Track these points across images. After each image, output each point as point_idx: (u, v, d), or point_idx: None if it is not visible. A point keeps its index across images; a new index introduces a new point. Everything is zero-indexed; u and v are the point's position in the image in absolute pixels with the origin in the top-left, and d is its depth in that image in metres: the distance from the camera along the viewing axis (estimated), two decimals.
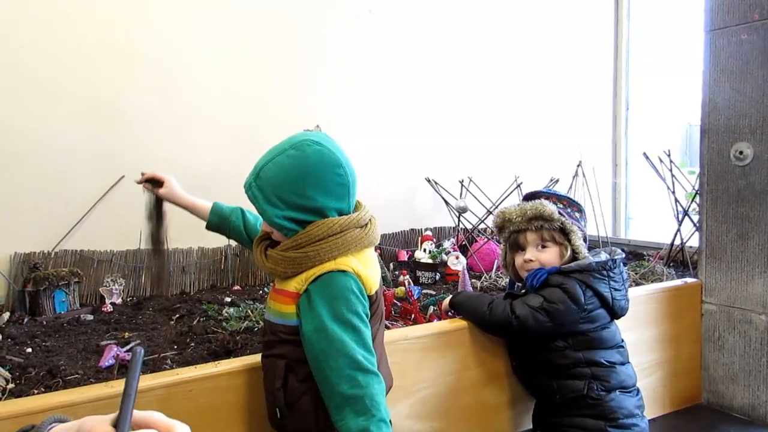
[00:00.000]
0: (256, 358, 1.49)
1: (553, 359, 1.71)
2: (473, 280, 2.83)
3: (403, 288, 2.53)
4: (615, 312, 1.75)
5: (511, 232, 1.80)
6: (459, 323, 1.82)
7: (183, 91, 2.80)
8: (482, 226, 3.36)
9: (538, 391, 1.81)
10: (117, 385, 1.35)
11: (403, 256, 3.31)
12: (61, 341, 2.01)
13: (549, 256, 1.75)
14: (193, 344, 1.89)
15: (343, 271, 1.26)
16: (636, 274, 2.82)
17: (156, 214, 1.81)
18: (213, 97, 2.88)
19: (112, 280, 2.58)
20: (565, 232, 1.74)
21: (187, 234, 2.80)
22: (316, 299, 1.24)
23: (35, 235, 2.50)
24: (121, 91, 2.66)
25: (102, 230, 2.63)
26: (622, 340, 1.80)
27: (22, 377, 1.63)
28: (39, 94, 2.48)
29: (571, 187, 3.48)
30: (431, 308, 2.18)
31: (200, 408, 1.42)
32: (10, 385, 1.57)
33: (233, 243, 2.87)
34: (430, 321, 2.08)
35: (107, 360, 1.72)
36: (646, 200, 4.22)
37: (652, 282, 2.63)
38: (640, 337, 2.22)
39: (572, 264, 1.72)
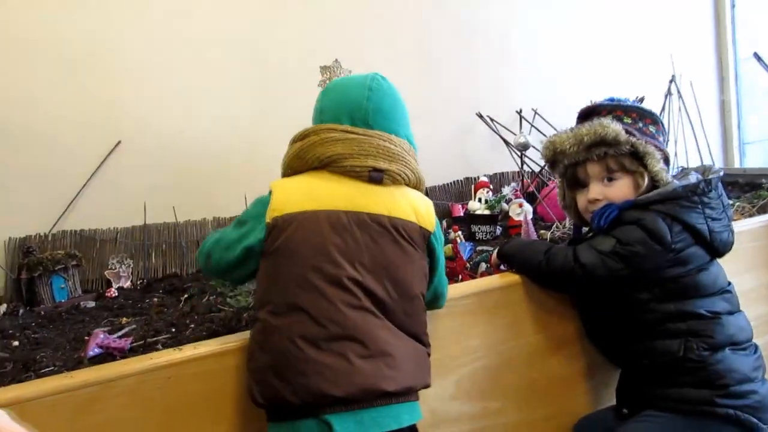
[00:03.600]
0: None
1: (635, 316, 1.49)
2: (542, 231, 2.61)
3: (449, 247, 2.33)
4: (715, 249, 1.50)
5: (567, 166, 1.57)
6: (511, 278, 1.63)
7: (182, 41, 2.70)
8: None
9: (621, 358, 1.59)
10: (79, 376, 1.26)
11: (458, 210, 3.11)
12: (54, 332, 1.97)
13: (620, 191, 1.51)
14: (193, 326, 1.79)
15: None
16: (753, 206, 2.50)
17: None
18: (215, 43, 2.76)
19: (118, 261, 2.54)
20: (638, 156, 1.49)
21: (199, 204, 2.73)
22: None
23: (30, 217, 2.49)
24: (111, 46, 2.59)
25: (102, 205, 2.59)
26: (729, 284, 1.54)
27: None
28: (18, 58, 2.44)
29: (663, 109, 3.16)
30: (483, 265, 1.99)
31: (182, 398, 1.30)
32: None
33: None
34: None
35: (92, 349, 1.64)
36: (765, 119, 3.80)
37: None
38: (757, 283, 1.94)
39: (651, 193, 1.47)
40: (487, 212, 2.67)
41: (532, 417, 1.64)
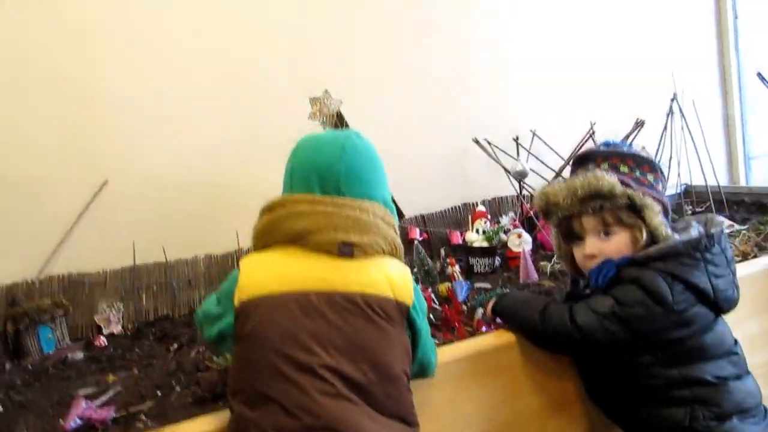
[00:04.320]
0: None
1: (637, 380, 1.42)
2: (542, 263, 2.54)
3: (446, 285, 2.27)
4: (720, 307, 1.43)
5: (561, 219, 1.51)
6: (505, 337, 1.56)
7: (165, 74, 2.63)
8: None
9: (624, 422, 1.52)
10: None
11: (457, 238, 3.04)
12: (38, 392, 1.92)
13: (616, 246, 1.45)
14: (178, 388, 1.74)
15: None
16: (758, 235, 2.43)
17: None
18: (200, 74, 2.69)
19: (108, 306, 2.49)
20: (635, 209, 1.43)
21: (189, 240, 2.68)
22: None
23: (16, 263, 2.42)
24: (92, 77, 2.51)
25: (90, 247, 2.52)
26: (736, 342, 1.47)
27: None
28: None
29: (665, 129, 3.08)
30: (479, 311, 1.91)
31: None
32: None
33: (244, 246, 2.72)
34: (477, 329, 1.82)
35: (72, 421, 1.59)
36: None
37: None
38: (763, 328, 1.86)
39: (650, 249, 1.40)
40: (485, 244, 2.60)
41: None
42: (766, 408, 1.45)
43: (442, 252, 2.99)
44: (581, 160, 1.58)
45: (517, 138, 2.96)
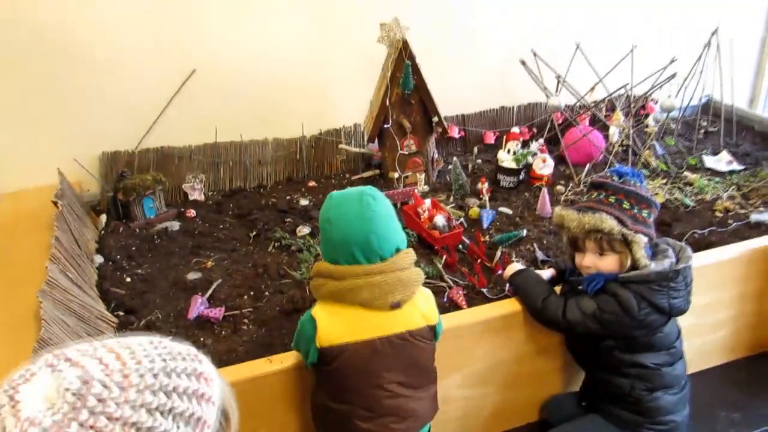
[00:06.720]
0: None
1: (600, 356, 1.99)
2: (559, 188, 2.99)
3: (477, 209, 2.76)
4: (672, 315, 1.95)
5: (570, 236, 1.96)
6: (514, 307, 2.10)
7: None
8: (585, 106, 3.34)
9: (587, 373, 2.15)
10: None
11: (490, 137, 3.42)
12: (153, 266, 2.48)
13: (608, 264, 1.91)
14: (267, 293, 2.30)
15: (311, 312, 1.68)
16: (747, 189, 2.84)
17: None
18: None
19: (193, 176, 2.98)
20: (626, 242, 1.87)
21: (261, 125, 3.09)
22: None
23: (119, 134, 2.89)
24: None
25: (179, 125, 2.96)
26: (678, 336, 2.01)
27: (125, 328, 2.14)
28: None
29: (699, 59, 3.30)
30: (499, 252, 2.43)
31: (269, 397, 1.88)
32: None
33: (308, 134, 3.14)
34: (495, 271, 2.36)
35: (193, 313, 2.20)
36: None
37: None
38: (709, 299, 2.38)
39: (631, 274, 1.87)
40: (513, 165, 3.01)
41: (515, 396, 2.23)
42: (687, 380, 2.05)
43: (475, 151, 3.40)
44: (597, 186, 1.97)
45: (559, 77, 3.20)
